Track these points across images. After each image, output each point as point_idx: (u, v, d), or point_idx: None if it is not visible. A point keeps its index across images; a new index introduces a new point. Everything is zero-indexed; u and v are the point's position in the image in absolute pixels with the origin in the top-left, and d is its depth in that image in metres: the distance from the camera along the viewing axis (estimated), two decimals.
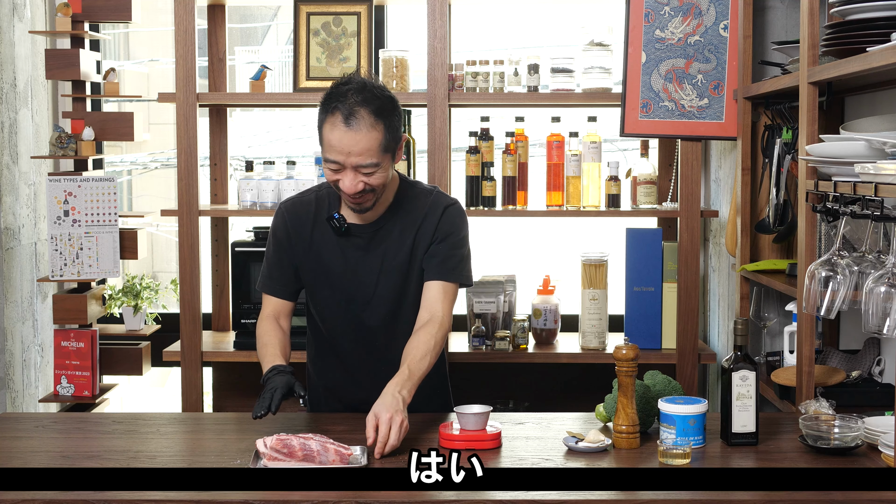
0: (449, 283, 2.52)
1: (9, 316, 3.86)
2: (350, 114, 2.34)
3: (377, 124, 2.36)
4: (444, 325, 2.48)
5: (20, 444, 2.36)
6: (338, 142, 2.35)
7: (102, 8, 3.73)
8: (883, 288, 2.17)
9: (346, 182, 2.38)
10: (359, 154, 2.35)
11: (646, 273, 3.60)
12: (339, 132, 2.35)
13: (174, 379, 5.03)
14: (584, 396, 3.11)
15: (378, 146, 2.37)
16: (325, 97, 2.41)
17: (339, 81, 2.42)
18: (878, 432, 2.23)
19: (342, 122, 2.34)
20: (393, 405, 2.24)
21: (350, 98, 2.36)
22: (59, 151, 3.70)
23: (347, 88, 2.38)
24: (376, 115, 2.36)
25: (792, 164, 3.07)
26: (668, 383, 2.47)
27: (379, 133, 2.37)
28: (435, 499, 1.99)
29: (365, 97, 2.36)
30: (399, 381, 2.32)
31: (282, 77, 6.08)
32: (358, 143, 2.35)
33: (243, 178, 3.69)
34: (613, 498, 1.99)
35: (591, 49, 3.58)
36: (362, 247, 2.53)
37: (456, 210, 2.57)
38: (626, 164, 3.80)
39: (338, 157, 2.36)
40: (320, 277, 2.55)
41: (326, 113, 2.38)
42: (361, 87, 2.38)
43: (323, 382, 2.68)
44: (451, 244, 2.53)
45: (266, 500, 1.98)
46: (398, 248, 2.52)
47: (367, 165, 2.37)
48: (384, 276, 2.53)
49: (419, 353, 2.40)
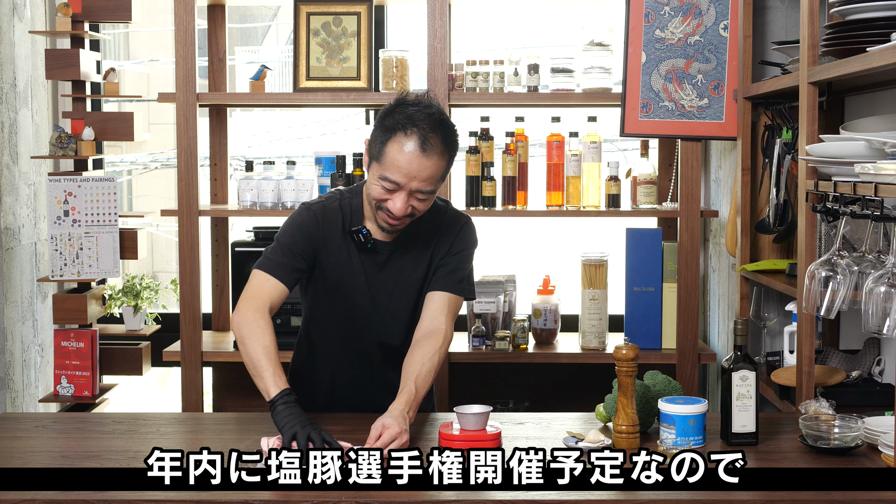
0: (453, 296, 2.51)
1: (9, 316, 3.86)
2: (426, 139, 2.31)
3: (445, 153, 2.36)
4: (448, 340, 2.47)
5: (20, 444, 2.36)
6: (406, 164, 2.32)
7: (102, 8, 3.73)
8: (883, 288, 2.17)
9: (398, 204, 2.34)
10: (423, 180, 2.33)
11: (646, 273, 3.60)
12: (411, 155, 2.31)
13: (174, 379, 5.03)
14: (584, 396, 3.11)
15: (441, 174, 2.37)
16: (394, 113, 2.36)
17: (407, 100, 2.37)
18: (878, 432, 2.23)
19: (417, 147, 2.31)
20: (402, 423, 2.24)
21: (426, 122, 2.33)
22: (59, 151, 3.70)
23: (423, 112, 2.34)
24: (446, 144, 2.36)
25: (792, 164, 3.07)
26: (668, 383, 2.47)
27: (445, 162, 2.37)
28: (435, 499, 1.99)
29: (440, 124, 2.35)
30: (407, 400, 2.30)
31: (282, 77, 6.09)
32: (426, 170, 2.33)
33: (243, 178, 3.69)
34: (613, 498, 1.99)
35: (591, 49, 3.58)
36: (380, 264, 2.50)
37: (470, 227, 2.58)
38: (626, 164, 3.81)
39: (400, 178, 2.33)
40: (333, 287, 2.51)
41: (396, 131, 2.33)
42: (438, 113, 2.36)
43: (307, 387, 2.63)
44: (461, 258, 2.53)
45: (266, 500, 1.98)
46: (414, 267, 2.51)
47: (426, 192, 2.35)
48: (397, 294, 2.52)
49: (425, 370, 2.38)
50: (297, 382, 2.65)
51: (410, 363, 2.40)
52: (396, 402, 2.30)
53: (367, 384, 2.59)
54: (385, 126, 2.36)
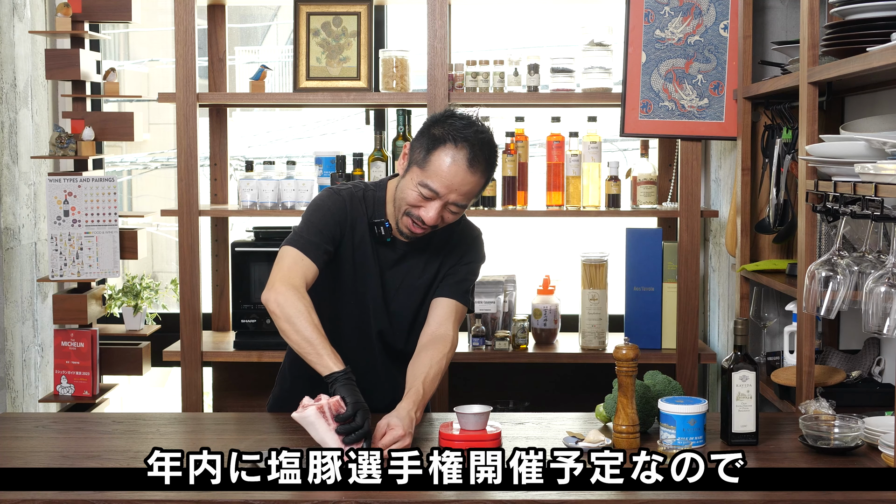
0: (460, 304, 2.53)
1: (9, 316, 3.86)
2: (475, 155, 2.34)
3: (486, 173, 2.39)
4: (454, 346, 2.48)
5: (20, 444, 2.36)
6: (451, 175, 2.33)
7: (102, 8, 3.73)
8: (883, 288, 2.17)
9: (431, 213, 2.36)
10: (462, 194, 2.36)
11: (646, 273, 3.60)
12: (457, 167, 2.33)
13: (174, 379, 5.03)
14: (584, 396, 3.11)
15: (478, 192, 2.40)
16: (444, 124, 2.37)
17: (456, 113, 2.40)
18: (878, 432, 2.23)
19: (465, 160, 2.33)
20: (408, 425, 2.23)
21: (477, 139, 2.35)
22: (59, 151, 3.70)
23: (477, 130, 2.36)
24: (489, 163, 2.39)
25: (792, 164, 3.07)
26: (668, 383, 2.47)
27: (484, 181, 2.40)
28: (435, 499, 1.99)
29: (487, 145, 2.38)
30: (415, 400, 2.31)
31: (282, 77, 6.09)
32: (468, 184, 2.35)
33: (243, 178, 3.69)
34: (613, 498, 1.99)
35: (591, 49, 3.58)
36: (392, 260, 2.52)
37: (481, 242, 2.62)
38: (626, 164, 3.81)
39: (441, 188, 2.34)
40: (348, 276, 2.51)
41: (446, 141, 2.34)
42: (488, 135, 2.39)
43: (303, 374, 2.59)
44: (470, 269, 2.56)
45: (266, 500, 1.98)
46: (423, 271, 2.52)
47: (460, 206, 2.38)
48: (402, 293, 2.53)
49: (432, 372, 2.39)
50: (293, 369, 2.63)
51: (418, 365, 2.40)
52: (404, 401, 2.30)
53: (370, 375, 2.58)
54: (433, 135, 2.37)
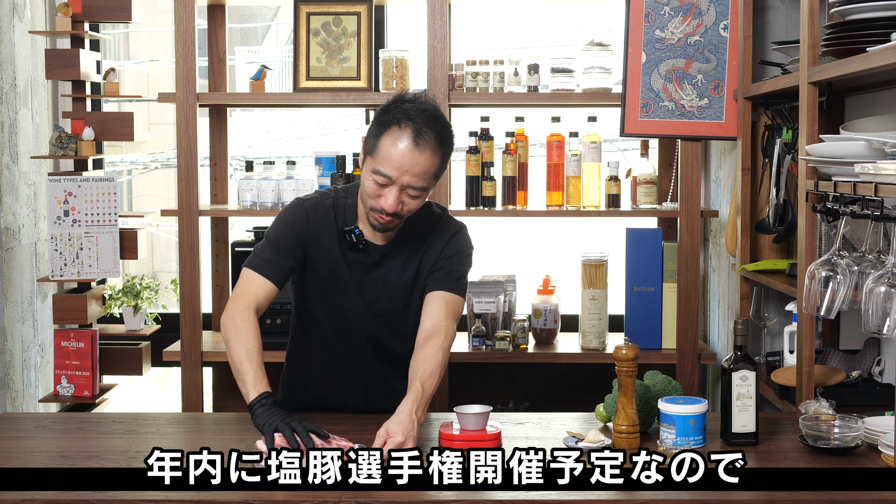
0: (451, 295, 2.50)
1: (9, 316, 3.86)
2: (420, 132, 2.32)
3: (439, 151, 2.36)
4: (450, 337, 2.45)
5: (20, 444, 2.36)
6: (399, 157, 2.32)
7: (102, 8, 3.74)
8: (883, 288, 2.17)
9: (389, 200, 2.34)
10: (415, 175, 2.33)
11: (646, 273, 3.60)
12: (403, 147, 2.32)
13: (174, 379, 5.03)
14: (584, 396, 3.11)
15: (433, 171, 2.37)
16: (390, 109, 2.37)
17: (405, 97, 2.38)
18: (878, 432, 2.23)
19: (411, 139, 2.32)
20: (408, 428, 2.20)
21: (420, 117, 2.33)
22: (59, 151, 3.70)
23: (418, 107, 2.35)
24: (440, 141, 2.36)
25: (792, 164, 3.07)
26: (668, 383, 2.47)
27: (438, 159, 2.36)
28: (435, 499, 1.99)
29: (434, 121, 2.35)
30: (415, 399, 2.28)
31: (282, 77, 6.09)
32: (419, 164, 2.32)
33: (243, 178, 3.69)
34: (613, 498, 1.99)
35: (591, 49, 3.58)
36: (369, 266, 2.50)
37: (462, 236, 2.56)
38: (626, 164, 3.81)
39: (392, 172, 2.33)
40: (322, 285, 2.51)
41: (391, 125, 2.34)
42: (433, 110, 2.37)
43: (302, 382, 2.63)
44: (455, 261, 2.52)
45: (266, 501, 1.98)
46: (402, 272, 2.51)
47: (417, 188, 2.35)
48: (384, 296, 2.52)
49: (430, 368, 2.37)
50: (292, 373, 2.65)
51: (415, 363, 2.40)
52: (404, 402, 2.28)
53: (363, 380, 2.58)
54: (381, 121, 2.37)
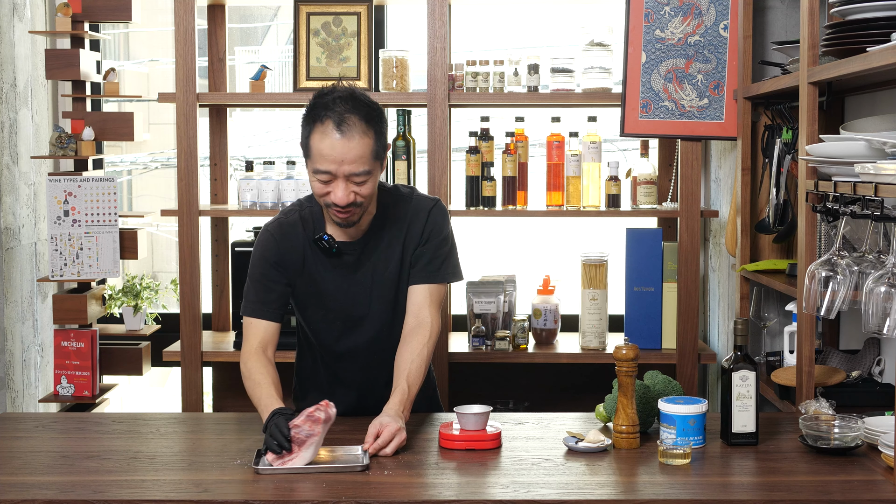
0: (434, 286, 2.49)
1: (9, 316, 3.86)
2: (341, 121, 2.30)
3: (368, 131, 2.33)
4: (434, 331, 2.45)
5: (20, 444, 2.36)
6: (330, 150, 2.30)
7: (102, 8, 3.73)
8: (883, 288, 2.17)
9: (339, 193, 2.32)
10: (352, 162, 2.31)
11: (646, 273, 3.60)
12: (330, 140, 2.30)
13: (174, 379, 5.03)
14: (584, 396, 3.11)
15: (370, 153, 2.33)
16: (310, 108, 2.35)
17: (322, 91, 2.37)
18: (878, 432, 2.23)
19: (334, 130, 2.30)
20: (398, 423, 2.26)
21: (339, 105, 2.31)
22: (59, 151, 3.70)
23: (334, 97, 2.33)
24: (366, 121, 2.33)
25: (792, 164, 3.07)
26: (668, 383, 2.47)
27: (370, 140, 2.33)
28: (435, 499, 1.99)
29: (354, 104, 2.32)
30: (400, 399, 2.32)
31: (282, 77, 6.08)
32: (351, 151, 2.30)
33: (243, 178, 3.69)
34: (613, 498, 1.99)
35: (591, 49, 3.58)
36: (352, 264, 2.49)
37: (439, 210, 2.53)
38: (626, 164, 3.81)
39: (329, 166, 2.31)
40: (313, 298, 2.51)
41: (314, 122, 2.33)
42: (349, 94, 2.34)
43: (313, 384, 2.65)
44: (434, 245, 2.50)
45: (266, 501, 1.98)
46: (387, 261, 2.49)
47: (360, 174, 2.32)
48: (376, 290, 2.51)
49: (415, 366, 2.38)
50: (302, 380, 2.67)
51: (400, 361, 2.41)
52: (390, 402, 2.32)
53: (365, 375, 2.59)
54: (305, 122, 2.36)
